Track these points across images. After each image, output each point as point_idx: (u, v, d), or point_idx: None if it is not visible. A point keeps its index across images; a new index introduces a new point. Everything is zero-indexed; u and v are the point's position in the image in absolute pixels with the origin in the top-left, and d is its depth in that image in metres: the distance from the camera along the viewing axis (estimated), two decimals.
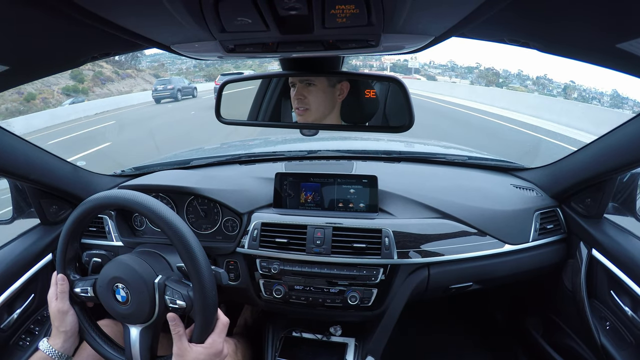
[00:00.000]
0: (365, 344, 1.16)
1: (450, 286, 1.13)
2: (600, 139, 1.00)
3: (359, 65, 55.94)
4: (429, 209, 1.14)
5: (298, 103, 0.92)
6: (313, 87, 0.90)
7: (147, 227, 1.19)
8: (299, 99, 0.91)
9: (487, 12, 0.46)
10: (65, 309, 0.86)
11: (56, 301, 0.86)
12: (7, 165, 0.96)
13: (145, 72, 33.26)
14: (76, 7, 0.43)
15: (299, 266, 1.07)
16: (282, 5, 0.43)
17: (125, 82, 28.60)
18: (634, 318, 0.97)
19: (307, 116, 0.92)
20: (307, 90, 0.91)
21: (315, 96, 0.91)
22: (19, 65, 0.58)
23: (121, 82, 28.15)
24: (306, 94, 0.91)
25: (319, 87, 0.90)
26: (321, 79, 0.89)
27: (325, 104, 0.91)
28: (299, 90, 0.91)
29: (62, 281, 0.87)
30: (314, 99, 0.91)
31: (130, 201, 0.80)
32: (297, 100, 0.92)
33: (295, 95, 0.91)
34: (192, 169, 1.45)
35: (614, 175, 1.03)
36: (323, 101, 0.91)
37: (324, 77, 0.89)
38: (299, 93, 0.91)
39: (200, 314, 0.79)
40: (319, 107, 0.91)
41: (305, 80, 0.90)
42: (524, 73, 68.31)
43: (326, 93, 0.90)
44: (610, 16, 0.43)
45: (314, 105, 0.91)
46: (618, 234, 1.07)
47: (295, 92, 0.91)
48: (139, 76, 31.13)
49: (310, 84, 0.90)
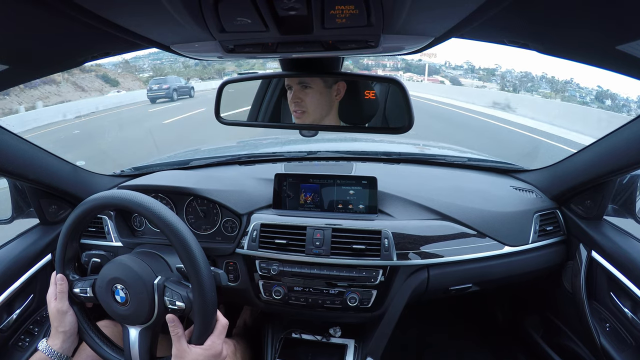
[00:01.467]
0: (365, 345, 1.16)
1: (449, 287, 1.12)
2: (599, 141, 1.00)
3: (371, 65, 54.74)
4: (429, 211, 1.13)
5: (295, 106, 0.92)
6: (309, 89, 0.91)
7: (147, 228, 1.19)
8: (295, 102, 0.92)
9: (486, 13, 0.46)
10: (64, 309, 0.86)
11: (55, 301, 0.86)
12: (6, 165, 0.96)
13: (78, 76, 22.38)
14: (76, 7, 0.43)
15: (298, 267, 1.07)
16: (282, 5, 0.43)
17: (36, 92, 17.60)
18: (634, 319, 0.97)
19: (305, 118, 0.93)
20: (303, 92, 0.91)
21: (311, 98, 0.91)
22: (19, 64, 0.59)
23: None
24: (302, 96, 0.91)
25: (315, 89, 0.90)
26: (317, 81, 0.90)
27: (322, 105, 0.92)
28: (296, 94, 0.91)
29: (62, 281, 0.87)
30: (310, 101, 0.91)
31: (130, 201, 0.80)
32: (294, 103, 0.92)
33: (292, 98, 0.92)
34: (192, 169, 1.45)
35: (613, 177, 1.03)
36: (320, 103, 0.91)
37: (321, 78, 0.89)
38: (295, 96, 0.91)
39: (200, 315, 0.79)
40: (316, 108, 0.92)
41: (301, 83, 0.90)
42: (548, 75, 61.97)
43: (323, 94, 0.91)
44: (610, 18, 0.43)
45: (310, 107, 0.92)
46: (618, 236, 1.07)
47: (292, 96, 0.92)
48: (70, 81, 20.95)
49: (306, 87, 0.91)
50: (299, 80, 0.91)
